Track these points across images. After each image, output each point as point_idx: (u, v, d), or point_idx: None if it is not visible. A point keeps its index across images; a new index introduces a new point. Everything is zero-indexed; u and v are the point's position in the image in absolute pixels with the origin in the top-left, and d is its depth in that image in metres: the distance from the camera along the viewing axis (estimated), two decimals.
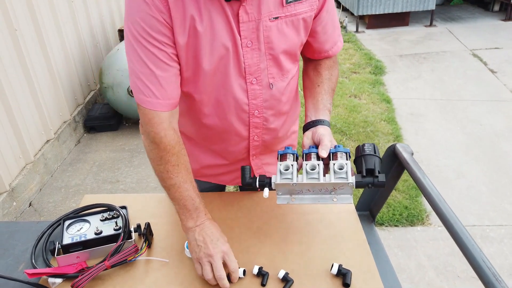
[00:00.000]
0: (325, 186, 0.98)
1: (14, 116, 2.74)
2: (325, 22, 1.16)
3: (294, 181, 0.98)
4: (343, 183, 0.96)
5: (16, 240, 1.17)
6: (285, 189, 1.01)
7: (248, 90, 1.10)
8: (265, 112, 1.16)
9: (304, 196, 1.01)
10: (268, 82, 1.11)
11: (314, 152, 1.04)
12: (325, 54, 1.22)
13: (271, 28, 1.03)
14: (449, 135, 3.69)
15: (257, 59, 1.06)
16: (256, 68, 1.07)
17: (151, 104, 1.02)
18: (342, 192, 0.99)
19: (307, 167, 0.99)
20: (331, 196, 1.00)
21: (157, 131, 1.04)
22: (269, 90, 1.12)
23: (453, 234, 0.81)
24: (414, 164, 1.04)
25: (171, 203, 1.10)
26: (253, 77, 1.09)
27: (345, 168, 0.98)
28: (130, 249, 1.06)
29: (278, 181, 0.99)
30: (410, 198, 2.81)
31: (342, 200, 0.99)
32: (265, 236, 1.15)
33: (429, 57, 5.51)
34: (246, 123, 1.16)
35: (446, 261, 2.35)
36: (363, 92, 4.49)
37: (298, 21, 1.07)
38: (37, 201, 2.94)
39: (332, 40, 1.20)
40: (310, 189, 1.00)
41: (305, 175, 0.99)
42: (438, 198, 0.91)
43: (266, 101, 1.14)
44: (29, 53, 2.93)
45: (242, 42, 1.02)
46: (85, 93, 3.94)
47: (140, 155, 3.47)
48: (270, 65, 1.09)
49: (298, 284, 1.00)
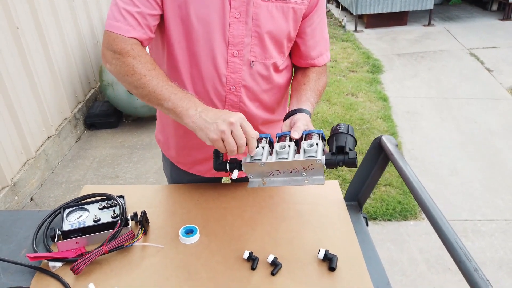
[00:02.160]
0: (295, 166, 0.95)
1: (16, 112, 2.79)
2: (315, 26, 1.20)
3: (263, 160, 0.97)
4: (313, 160, 0.94)
5: (18, 228, 1.22)
6: (255, 172, 1.00)
7: (228, 62, 1.13)
8: (242, 91, 1.18)
9: (275, 178, 0.99)
10: (249, 59, 1.14)
11: (287, 135, 1.04)
12: (311, 61, 1.25)
13: (260, 7, 1.08)
14: (444, 133, 3.73)
15: (242, 31, 1.10)
16: (239, 41, 1.11)
17: (120, 29, 1.03)
18: (313, 173, 0.96)
19: (277, 147, 0.98)
20: (303, 178, 0.98)
21: (123, 45, 1.02)
22: (249, 68, 1.15)
23: (428, 215, 0.86)
24: (398, 156, 1.08)
25: (167, 191, 1.14)
26: (235, 49, 1.12)
27: (315, 147, 0.96)
28: (127, 235, 1.11)
29: (248, 161, 0.98)
30: (403, 193, 2.86)
31: (314, 181, 0.97)
32: (257, 224, 1.20)
33: (426, 56, 5.55)
34: (223, 98, 1.18)
35: (438, 254, 2.40)
36: (360, 91, 4.54)
37: (288, 9, 1.12)
38: (38, 196, 2.99)
39: (319, 48, 1.24)
40: (280, 171, 0.98)
41: (274, 155, 0.98)
42: (419, 187, 0.96)
43: (244, 79, 1.16)
44: (30, 51, 2.99)
45: (231, 12, 1.07)
46: (85, 90, 4.00)
47: (139, 152, 3.52)
48: (254, 43, 1.12)
49: (286, 268, 1.05)
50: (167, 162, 1.48)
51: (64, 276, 1.04)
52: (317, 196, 1.30)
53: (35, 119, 3.07)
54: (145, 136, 3.76)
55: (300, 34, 1.20)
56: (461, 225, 2.62)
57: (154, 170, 3.25)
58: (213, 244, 1.14)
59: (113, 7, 1.06)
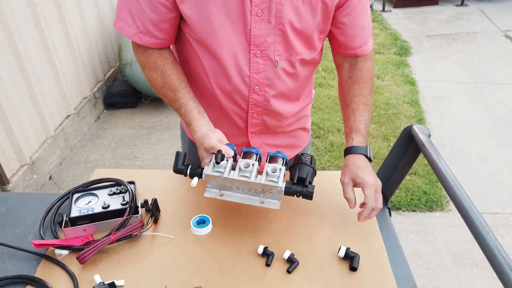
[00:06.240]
0: (255, 187, 0.97)
1: (34, 90, 2.78)
2: (355, 14, 1.06)
3: (225, 175, 0.97)
4: (273, 186, 0.95)
5: (26, 212, 1.18)
6: (215, 183, 1.00)
7: (251, 62, 1.05)
8: (267, 91, 1.11)
9: (233, 193, 1.00)
10: (274, 58, 1.05)
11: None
12: (352, 51, 1.13)
13: (285, 2, 0.97)
14: (475, 119, 3.54)
15: (265, 31, 1.00)
16: (262, 41, 1.02)
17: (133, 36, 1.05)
18: (271, 196, 0.98)
19: (241, 164, 0.98)
20: (259, 198, 0.99)
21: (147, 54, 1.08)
22: (274, 68, 1.07)
23: (468, 221, 0.76)
24: (431, 147, 0.98)
25: (180, 178, 1.09)
26: (258, 50, 1.03)
27: (278, 173, 0.97)
28: (136, 224, 1.05)
29: (209, 172, 0.98)
30: (430, 183, 2.73)
31: (269, 205, 0.98)
32: (273, 217, 1.13)
33: (458, 37, 5.27)
34: (246, 98, 1.12)
35: (465, 248, 2.28)
36: (387, 73, 4.36)
37: (317, 2, 1.00)
38: (57, 175, 3.01)
39: (361, 37, 1.11)
40: (240, 188, 0.99)
41: (237, 172, 0.98)
42: (454, 182, 0.86)
43: (269, 79, 1.08)
44: (48, 28, 2.95)
45: (252, 10, 0.97)
46: (105, 69, 3.96)
47: (158, 133, 3.49)
48: (278, 41, 1.03)
49: (303, 265, 0.98)
50: (186, 143, 1.42)
51: (70, 265, 1.00)
52: (338, 187, 1.21)
53: (54, 97, 3.05)
54: (163, 117, 3.71)
55: (336, 23, 1.07)
56: (491, 218, 2.48)
57: (172, 152, 3.22)
58: (226, 236, 1.08)
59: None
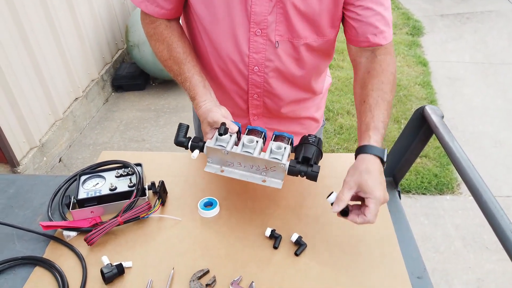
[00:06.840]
0: (258, 163, 0.95)
1: (42, 73, 2.77)
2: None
3: (228, 149, 0.94)
4: (276, 163, 0.93)
5: (34, 193, 1.19)
6: (216, 157, 0.97)
7: (250, 41, 1.02)
8: (267, 73, 1.08)
9: (234, 170, 0.98)
10: (274, 39, 1.02)
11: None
12: (368, 43, 1.03)
13: None
14: (488, 101, 3.47)
15: (266, 8, 0.97)
16: (262, 19, 0.98)
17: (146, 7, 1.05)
18: (274, 175, 0.95)
19: (245, 140, 0.95)
20: (261, 176, 0.96)
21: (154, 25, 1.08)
22: (274, 49, 1.03)
23: (481, 203, 0.74)
24: (443, 128, 0.96)
25: (187, 160, 1.08)
26: (258, 28, 1.00)
27: (282, 150, 0.94)
28: (143, 206, 1.05)
29: (211, 145, 0.95)
30: (440, 166, 2.70)
31: (271, 184, 0.95)
32: (281, 199, 1.12)
33: (472, 17, 5.12)
34: (245, 78, 1.09)
35: (475, 231, 2.26)
36: (398, 54, 4.26)
37: None
38: (66, 157, 3.03)
39: (377, 25, 1.00)
40: (242, 164, 0.96)
41: (240, 147, 0.95)
42: (467, 164, 0.84)
43: (269, 60, 1.05)
44: (56, 11, 2.92)
45: None
46: (112, 52, 3.94)
47: (166, 115, 3.48)
48: (279, 20, 0.99)
49: (311, 248, 0.97)
50: (196, 122, 1.42)
51: (78, 246, 1.00)
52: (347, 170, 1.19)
53: (62, 80, 3.05)
54: (171, 99, 3.70)
55: (349, 9, 1.00)
56: (503, 201, 2.45)
57: None
58: (234, 218, 1.07)
59: None
